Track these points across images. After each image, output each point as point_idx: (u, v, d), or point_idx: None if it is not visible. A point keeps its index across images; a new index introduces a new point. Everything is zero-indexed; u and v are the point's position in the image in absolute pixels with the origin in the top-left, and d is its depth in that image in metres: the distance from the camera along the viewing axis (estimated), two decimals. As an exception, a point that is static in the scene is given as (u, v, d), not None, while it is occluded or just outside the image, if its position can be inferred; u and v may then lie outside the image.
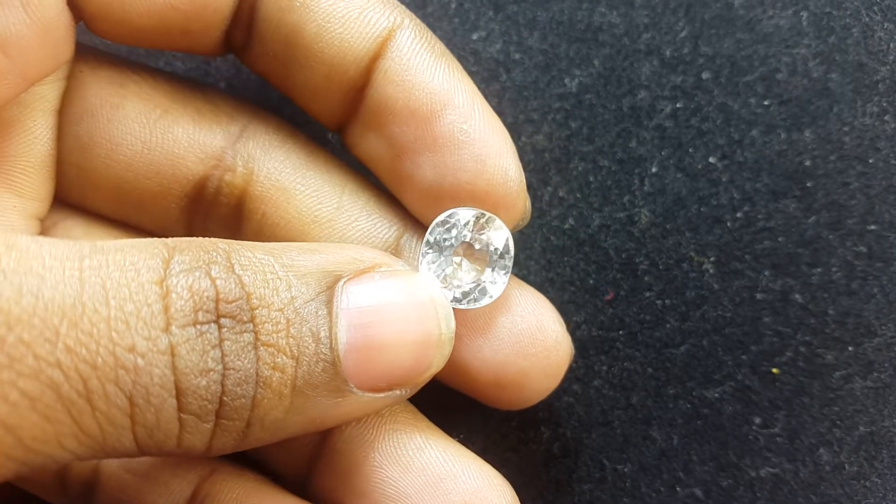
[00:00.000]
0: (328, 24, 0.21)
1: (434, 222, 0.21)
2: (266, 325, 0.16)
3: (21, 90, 0.20)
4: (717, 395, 0.25)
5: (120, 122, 0.22)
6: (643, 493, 0.25)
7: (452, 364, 0.22)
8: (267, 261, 0.17)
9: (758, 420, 0.25)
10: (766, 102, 0.26)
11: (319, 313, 0.17)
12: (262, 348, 0.16)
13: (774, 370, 0.25)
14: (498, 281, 0.21)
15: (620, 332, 0.26)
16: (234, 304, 0.16)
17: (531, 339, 0.22)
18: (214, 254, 0.17)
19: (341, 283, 0.18)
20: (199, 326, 0.16)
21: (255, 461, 0.23)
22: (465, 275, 0.21)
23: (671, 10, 0.26)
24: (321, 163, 0.23)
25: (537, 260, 0.26)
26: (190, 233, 0.23)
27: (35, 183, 0.22)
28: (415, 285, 0.19)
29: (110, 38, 0.21)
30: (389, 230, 0.22)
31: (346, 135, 0.22)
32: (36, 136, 0.21)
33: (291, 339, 0.17)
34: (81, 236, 0.23)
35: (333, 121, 0.22)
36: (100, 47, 0.23)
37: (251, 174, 0.22)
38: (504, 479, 0.21)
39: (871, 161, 0.26)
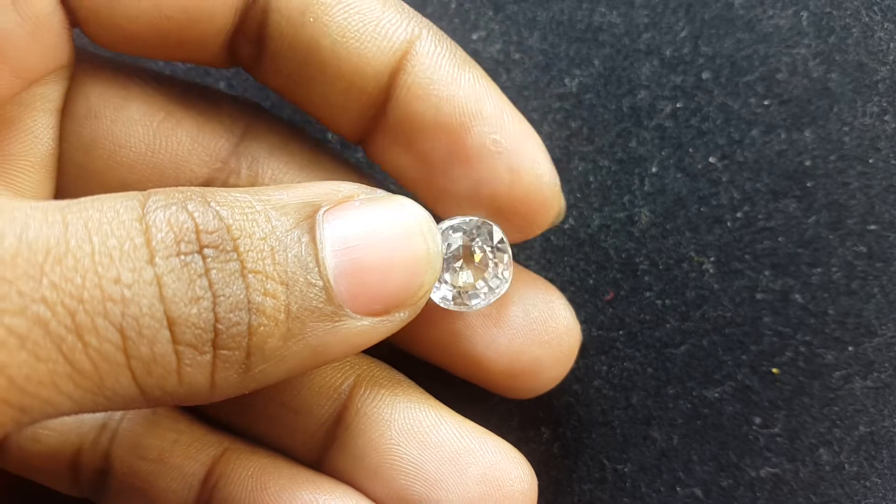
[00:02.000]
0: (344, 38, 0.20)
1: None
2: (250, 253, 0.16)
3: (16, 89, 0.20)
4: (717, 395, 0.25)
5: (123, 124, 0.22)
6: (643, 493, 0.25)
7: (466, 355, 0.22)
8: (242, 198, 0.17)
9: (758, 420, 0.25)
10: (766, 102, 0.26)
11: (303, 240, 0.17)
12: (249, 276, 0.16)
13: (774, 370, 0.25)
14: (501, 279, 0.21)
15: (620, 332, 0.26)
16: (214, 234, 0.16)
17: (544, 327, 0.22)
18: (189, 193, 0.17)
19: (321, 212, 0.18)
20: (182, 257, 0.16)
21: (267, 446, 0.23)
22: (468, 277, 0.21)
23: (671, 10, 0.26)
24: (324, 162, 0.23)
25: (537, 260, 0.26)
26: None
27: (35, 182, 0.22)
28: (396, 206, 0.19)
29: (106, 44, 0.21)
30: None
31: (369, 147, 0.22)
32: (37, 136, 0.21)
33: (279, 266, 0.17)
34: None
35: (354, 134, 0.22)
36: (103, 54, 0.23)
37: (256, 176, 0.22)
38: (521, 454, 0.21)
39: (871, 161, 0.26)
